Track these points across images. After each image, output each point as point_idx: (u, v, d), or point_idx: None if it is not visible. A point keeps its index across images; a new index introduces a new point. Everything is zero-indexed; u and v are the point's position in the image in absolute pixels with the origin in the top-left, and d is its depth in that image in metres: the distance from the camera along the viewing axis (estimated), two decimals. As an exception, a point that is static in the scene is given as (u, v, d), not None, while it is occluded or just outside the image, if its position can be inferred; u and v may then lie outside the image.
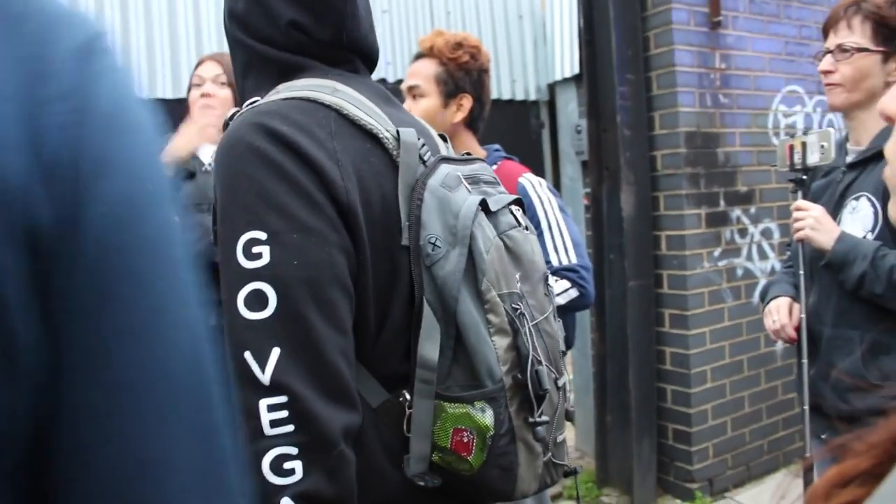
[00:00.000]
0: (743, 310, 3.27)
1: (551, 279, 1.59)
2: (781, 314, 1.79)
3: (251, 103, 0.90)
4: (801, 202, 1.72)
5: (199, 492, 0.42)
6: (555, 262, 1.77)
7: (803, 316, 1.75)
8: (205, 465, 0.43)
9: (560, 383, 0.94)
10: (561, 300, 1.71)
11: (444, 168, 0.92)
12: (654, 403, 3.24)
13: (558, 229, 1.80)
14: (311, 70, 0.95)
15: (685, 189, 3.15)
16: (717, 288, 3.19)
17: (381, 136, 0.91)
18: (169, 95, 2.82)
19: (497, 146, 1.96)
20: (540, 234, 1.76)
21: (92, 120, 0.40)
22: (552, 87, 3.80)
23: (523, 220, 0.98)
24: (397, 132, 0.92)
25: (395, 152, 0.91)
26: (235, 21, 0.97)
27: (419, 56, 1.87)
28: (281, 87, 0.93)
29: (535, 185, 1.85)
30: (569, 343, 1.98)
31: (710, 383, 3.17)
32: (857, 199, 1.64)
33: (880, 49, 1.62)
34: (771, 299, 1.85)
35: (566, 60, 3.65)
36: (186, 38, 2.88)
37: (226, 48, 1.06)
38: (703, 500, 3.14)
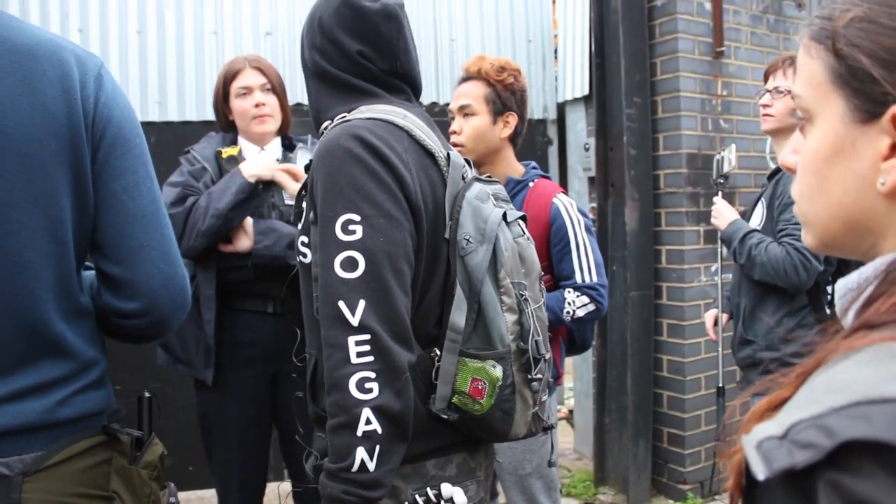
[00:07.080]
0: (737, 322, 3.45)
1: (573, 293, 1.95)
2: (707, 323, 2.57)
3: (342, 118, 1.15)
4: (716, 199, 2.40)
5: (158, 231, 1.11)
6: (578, 280, 1.95)
7: (718, 311, 2.51)
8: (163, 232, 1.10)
9: (547, 357, 1.20)
10: (581, 312, 1.94)
11: (478, 185, 1.19)
12: (650, 408, 3.41)
13: (584, 249, 1.96)
14: (379, 97, 1.21)
15: (685, 207, 3.34)
16: (713, 300, 3.37)
17: (437, 155, 1.18)
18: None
19: (534, 164, 2.09)
20: (568, 252, 1.95)
21: (100, 102, 1.04)
22: (562, 107, 3.99)
23: (526, 231, 1.25)
24: (448, 154, 1.19)
25: (445, 169, 1.18)
26: (317, 52, 1.22)
27: (466, 78, 2.01)
28: (363, 108, 1.17)
29: (567, 207, 1.98)
30: (587, 345, 2.21)
31: (704, 390, 3.35)
32: (760, 201, 2.29)
33: None
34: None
35: (577, 81, 3.84)
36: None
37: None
38: (695, 501, 3.30)
